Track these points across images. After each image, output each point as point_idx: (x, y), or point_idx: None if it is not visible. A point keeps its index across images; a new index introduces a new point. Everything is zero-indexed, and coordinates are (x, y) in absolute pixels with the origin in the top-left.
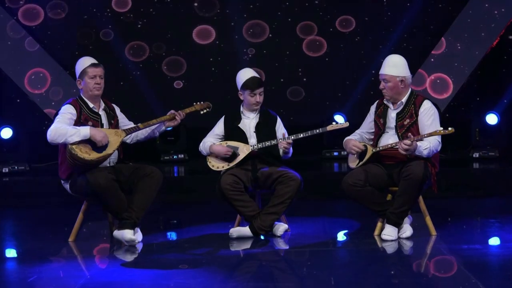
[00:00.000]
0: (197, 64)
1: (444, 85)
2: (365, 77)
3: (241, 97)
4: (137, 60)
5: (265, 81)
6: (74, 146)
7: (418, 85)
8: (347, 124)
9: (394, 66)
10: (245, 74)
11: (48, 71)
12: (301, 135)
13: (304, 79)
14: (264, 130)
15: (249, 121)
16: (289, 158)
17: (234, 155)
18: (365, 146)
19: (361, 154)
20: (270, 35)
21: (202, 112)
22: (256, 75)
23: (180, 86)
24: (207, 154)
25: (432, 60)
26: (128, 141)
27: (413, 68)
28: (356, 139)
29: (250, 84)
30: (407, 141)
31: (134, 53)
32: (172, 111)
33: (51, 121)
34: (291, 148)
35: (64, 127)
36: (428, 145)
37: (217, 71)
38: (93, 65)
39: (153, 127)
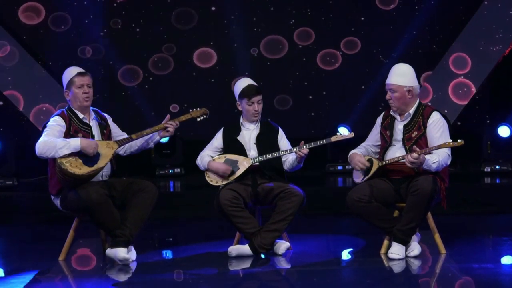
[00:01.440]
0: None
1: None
2: (371, 87)
3: (240, 108)
4: (131, 84)
5: (267, 92)
6: (63, 160)
7: (424, 97)
8: (352, 134)
9: (401, 75)
10: (242, 83)
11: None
12: (310, 145)
13: (307, 90)
14: (265, 142)
15: (249, 133)
16: (298, 169)
17: (234, 171)
18: (370, 160)
19: (366, 169)
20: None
21: (198, 119)
22: (253, 83)
23: (176, 110)
24: (204, 170)
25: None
26: (121, 153)
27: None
28: (361, 153)
29: (247, 92)
30: (414, 154)
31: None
32: (165, 119)
33: (40, 134)
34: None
35: (53, 140)
36: (437, 158)
37: (215, 85)
38: (79, 74)
39: (147, 137)
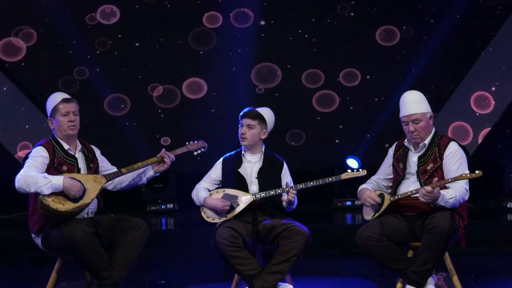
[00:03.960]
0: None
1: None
2: (381, 116)
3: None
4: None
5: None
6: (45, 196)
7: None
8: (365, 172)
9: (420, 102)
10: (246, 108)
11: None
12: (311, 183)
13: (314, 119)
14: (268, 176)
15: (250, 166)
16: (293, 209)
17: (233, 208)
18: (382, 195)
19: (377, 204)
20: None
21: (195, 153)
22: (252, 108)
23: (167, 143)
24: (200, 205)
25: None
26: (109, 188)
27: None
28: (372, 187)
29: (240, 114)
30: (428, 187)
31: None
32: (161, 152)
33: (21, 166)
34: (295, 199)
35: (34, 176)
36: (454, 194)
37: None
38: (65, 100)
39: (139, 171)
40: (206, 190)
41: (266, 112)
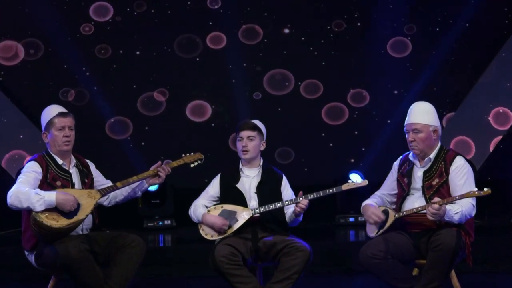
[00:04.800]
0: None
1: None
2: (386, 129)
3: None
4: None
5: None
6: (39, 212)
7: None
8: (366, 182)
9: (426, 113)
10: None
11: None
12: (312, 195)
13: (315, 134)
14: (267, 191)
15: (249, 180)
16: (297, 224)
17: (231, 225)
18: (386, 211)
19: (382, 221)
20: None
21: (192, 165)
22: (248, 119)
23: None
24: (198, 222)
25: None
26: (105, 203)
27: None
28: (376, 203)
29: (238, 127)
30: (435, 205)
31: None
32: (156, 165)
33: (13, 181)
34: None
35: (26, 192)
36: (460, 209)
37: (214, 125)
38: (61, 114)
39: (134, 185)
40: (204, 206)
41: (259, 123)
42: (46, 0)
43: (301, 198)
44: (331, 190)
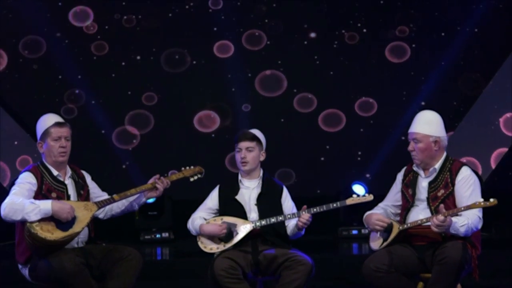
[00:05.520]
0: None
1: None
2: (390, 138)
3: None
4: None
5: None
6: (33, 224)
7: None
8: (371, 197)
9: (427, 123)
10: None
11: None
12: (314, 209)
13: (318, 144)
14: (268, 203)
15: (249, 192)
16: (299, 237)
17: (231, 233)
18: (390, 223)
19: (385, 230)
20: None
21: (192, 179)
22: (255, 132)
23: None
24: (196, 234)
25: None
26: (100, 216)
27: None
28: (379, 213)
29: (237, 138)
30: (440, 217)
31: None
32: (154, 178)
33: (7, 193)
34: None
35: (20, 202)
36: (466, 221)
37: (213, 136)
38: (57, 124)
39: (131, 198)
40: (202, 219)
41: (259, 133)
42: (39, 7)
43: (303, 212)
44: (335, 205)
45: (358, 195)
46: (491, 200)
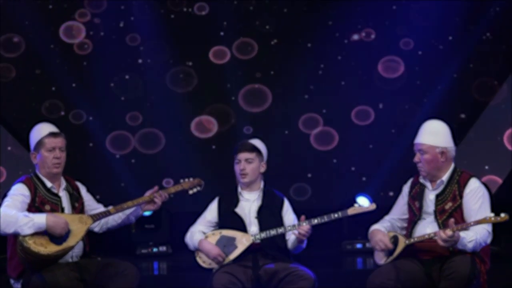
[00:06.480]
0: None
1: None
2: (396, 149)
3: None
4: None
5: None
6: (26, 237)
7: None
8: (374, 206)
9: (434, 134)
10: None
11: None
12: (316, 221)
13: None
14: (268, 215)
15: (249, 205)
16: (301, 251)
17: (231, 247)
18: (396, 237)
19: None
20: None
21: (191, 192)
22: (255, 142)
23: (170, 185)
24: (195, 249)
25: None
26: (96, 229)
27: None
28: (385, 228)
29: (236, 149)
30: (448, 231)
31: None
32: (152, 191)
33: None
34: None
35: (13, 214)
36: (474, 236)
37: (215, 147)
38: (51, 134)
39: (128, 211)
40: (201, 233)
41: (259, 143)
42: (33, 16)
43: (303, 223)
44: (336, 215)
45: (360, 205)
46: (502, 215)
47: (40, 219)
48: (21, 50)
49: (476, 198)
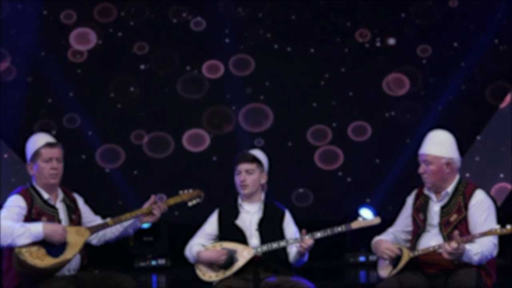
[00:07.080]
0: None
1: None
2: (399, 160)
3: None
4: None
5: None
6: (22, 249)
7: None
8: (379, 220)
9: (439, 144)
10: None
11: None
12: (318, 234)
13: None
14: (269, 228)
15: (249, 217)
16: (302, 264)
17: (231, 260)
18: (400, 249)
19: (396, 258)
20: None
21: (190, 204)
22: (249, 151)
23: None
24: (194, 262)
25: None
26: (94, 242)
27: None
28: (388, 240)
29: (236, 159)
30: (454, 244)
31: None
32: (150, 202)
33: None
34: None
35: (9, 225)
36: (480, 249)
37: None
38: (48, 145)
39: (126, 223)
40: (201, 245)
41: (260, 154)
42: (31, 26)
43: (306, 237)
44: (339, 229)
45: (364, 218)
46: (508, 227)
47: (37, 228)
48: None
49: (481, 210)
